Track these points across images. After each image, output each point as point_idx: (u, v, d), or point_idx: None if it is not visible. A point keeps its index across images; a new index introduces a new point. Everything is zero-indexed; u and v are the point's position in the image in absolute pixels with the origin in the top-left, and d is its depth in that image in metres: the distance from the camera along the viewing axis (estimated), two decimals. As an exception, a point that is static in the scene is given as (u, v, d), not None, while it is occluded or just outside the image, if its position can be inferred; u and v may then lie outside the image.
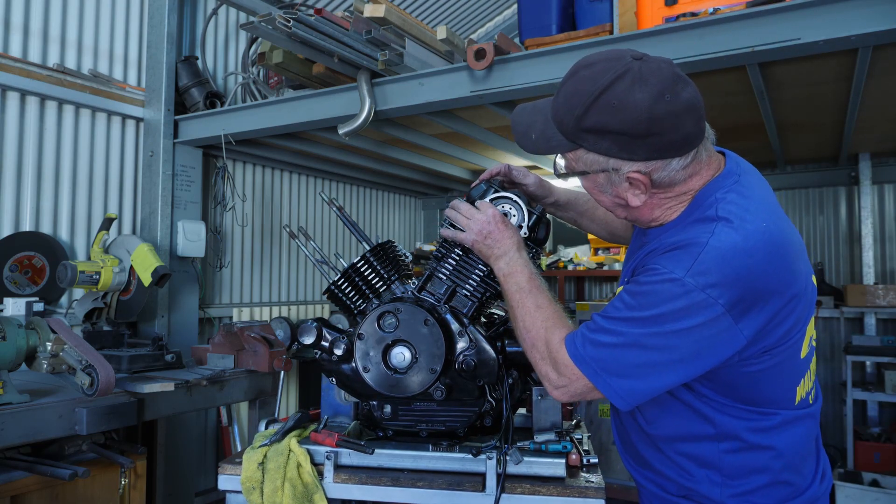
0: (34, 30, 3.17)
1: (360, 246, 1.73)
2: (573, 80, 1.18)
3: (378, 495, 1.54)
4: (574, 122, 1.16)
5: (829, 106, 3.32)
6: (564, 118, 1.18)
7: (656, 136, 1.11)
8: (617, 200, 1.24)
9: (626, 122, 1.11)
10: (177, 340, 3.54)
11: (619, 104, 1.10)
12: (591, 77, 1.14)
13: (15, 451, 2.18)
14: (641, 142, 1.12)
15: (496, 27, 6.23)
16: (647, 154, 1.14)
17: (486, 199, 1.57)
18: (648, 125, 1.10)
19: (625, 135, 1.12)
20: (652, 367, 1.14)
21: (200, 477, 3.85)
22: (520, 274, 1.38)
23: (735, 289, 1.09)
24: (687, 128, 1.13)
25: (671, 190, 1.21)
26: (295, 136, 3.81)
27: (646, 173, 1.16)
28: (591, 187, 1.26)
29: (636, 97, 1.09)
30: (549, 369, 1.25)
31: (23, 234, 3.10)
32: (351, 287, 1.69)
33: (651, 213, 1.25)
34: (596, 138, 1.15)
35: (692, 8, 2.41)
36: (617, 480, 4.47)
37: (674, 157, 1.15)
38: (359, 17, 2.70)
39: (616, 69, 1.12)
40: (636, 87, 1.10)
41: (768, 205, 1.20)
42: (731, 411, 1.22)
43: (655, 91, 1.09)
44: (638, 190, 1.19)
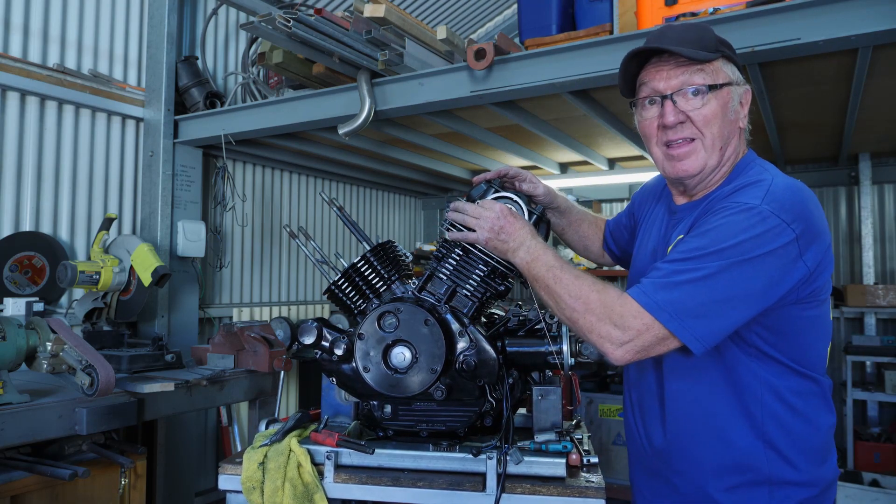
0: (34, 30, 3.17)
1: (360, 246, 1.72)
2: (677, 25, 1.41)
3: (378, 495, 1.54)
4: (712, 35, 1.33)
5: (829, 106, 3.32)
6: (701, 35, 1.33)
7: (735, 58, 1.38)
8: (729, 126, 1.34)
9: (731, 46, 1.37)
10: (177, 340, 3.54)
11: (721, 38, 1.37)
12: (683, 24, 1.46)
13: (15, 451, 2.18)
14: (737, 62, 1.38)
15: (496, 27, 6.23)
16: (740, 73, 1.37)
17: (487, 199, 1.57)
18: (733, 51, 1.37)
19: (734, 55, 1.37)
20: (730, 301, 1.17)
21: (200, 477, 3.85)
22: (544, 255, 1.39)
23: (801, 220, 1.19)
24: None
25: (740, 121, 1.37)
26: (295, 136, 3.80)
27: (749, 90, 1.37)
28: (716, 110, 1.32)
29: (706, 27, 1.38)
30: (609, 328, 1.23)
31: (23, 234, 3.10)
32: (351, 287, 1.68)
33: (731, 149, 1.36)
34: (729, 51, 1.35)
35: (692, 8, 2.41)
36: (617, 480, 4.47)
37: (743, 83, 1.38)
38: (359, 17, 2.70)
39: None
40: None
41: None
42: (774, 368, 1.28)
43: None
44: (744, 110, 1.37)
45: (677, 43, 1.32)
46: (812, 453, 1.30)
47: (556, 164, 5.03)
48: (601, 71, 2.43)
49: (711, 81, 1.32)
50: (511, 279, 1.65)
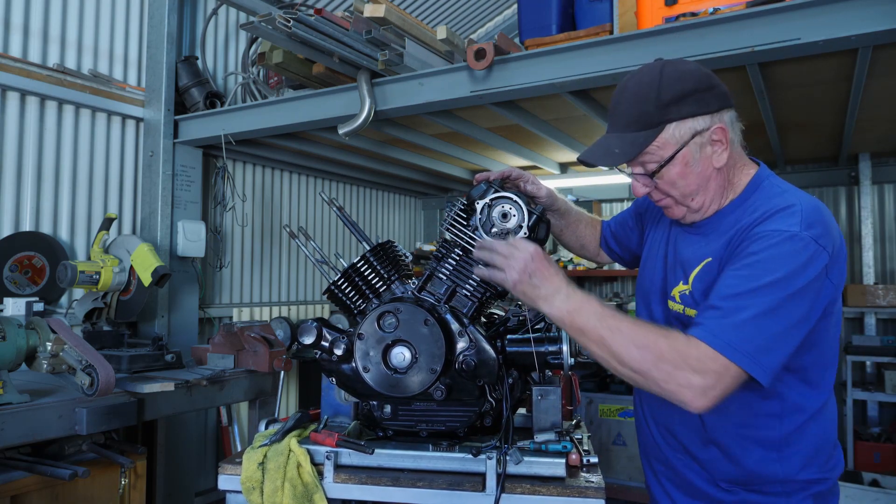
0: (34, 30, 3.17)
1: (360, 246, 1.72)
2: (629, 87, 1.34)
3: (378, 495, 1.54)
4: (655, 104, 1.28)
5: (829, 106, 3.32)
6: (643, 109, 1.29)
7: (716, 87, 1.31)
8: (704, 172, 1.32)
9: (694, 80, 1.29)
10: (177, 340, 3.54)
11: (681, 72, 1.30)
12: (641, 76, 1.33)
13: (15, 451, 2.18)
14: (710, 94, 1.29)
15: (496, 27, 6.23)
16: (717, 104, 1.30)
17: (487, 199, 1.57)
18: (707, 79, 1.30)
19: (698, 91, 1.29)
20: (790, 331, 1.19)
21: (200, 477, 3.85)
22: (588, 303, 1.28)
23: (830, 241, 1.22)
24: (721, 85, 1.33)
25: (735, 150, 1.35)
26: (295, 136, 3.80)
27: (720, 123, 1.30)
28: (681, 170, 1.31)
29: (686, 66, 1.32)
30: (689, 375, 1.14)
31: (23, 234, 3.10)
32: (351, 287, 1.69)
33: (724, 184, 1.36)
34: (678, 107, 1.28)
35: (692, 8, 2.41)
36: (617, 480, 4.47)
37: (729, 107, 1.33)
38: (359, 17, 2.70)
39: (655, 64, 1.33)
40: (677, 63, 1.33)
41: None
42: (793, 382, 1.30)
43: (692, 63, 1.35)
44: (720, 146, 1.31)
45: (622, 127, 1.33)
46: (826, 455, 1.35)
47: (556, 164, 5.03)
48: (601, 71, 2.43)
49: (658, 161, 1.31)
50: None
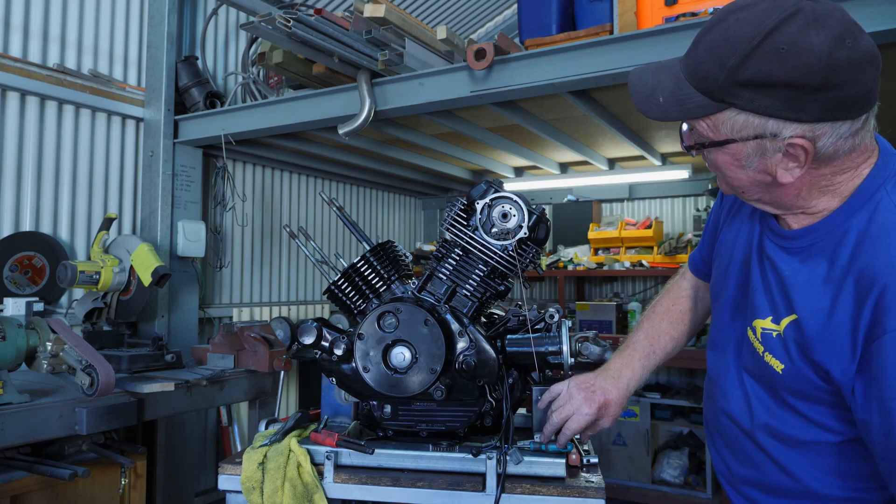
0: (34, 30, 3.17)
1: (360, 246, 1.72)
2: (722, 27, 0.97)
3: (378, 495, 1.54)
4: (726, 74, 0.95)
5: (829, 106, 3.31)
6: (711, 71, 0.97)
7: (834, 89, 0.91)
8: (759, 177, 1.04)
9: (799, 72, 0.90)
10: (177, 340, 3.54)
11: (791, 49, 0.90)
12: (750, 19, 0.93)
13: (15, 451, 2.18)
14: (814, 97, 0.92)
15: (496, 27, 6.23)
16: (818, 113, 0.93)
17: (487, 199, 1.57)
18: (826, 75, 0.90)
19: (795, 87, 0.92)
20: None
21: (200, 477, 3.85)
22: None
23: None
24: (867, 82, 0.93)
25: (829, 166, 1.01)
26: (295, 136, 3.80)
27: (810, 139, 0.96)
28: (728, 162, 1.05)
29: (812, 41, 0.90)
30: None
31: (23, 234, 3.10)
32: (351, 287, 1.69)
33: (797, 198, 1.06)
34: (753, 94, 0.94)
35: (692, 8, 2.41)
36: (617, 480, 4.48)
37: (847, 118, 0.95)
38: (359, 17, 2.70)
39: (783, 8, 0.92)
40: (811, 28, 0.90)
41: None
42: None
43: (835, 34, 0.90)
44: (794, 163, 0.99)
45: (688, 67, 1.02)
46: None
47: (556, 164, 5.03)
48: (601, 71, 2.43)
49: (705, 139, 1.05)
50: (511, 279, 1.65)
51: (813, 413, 1.11)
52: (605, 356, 1.57)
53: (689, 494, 4.28)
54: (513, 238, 1.55)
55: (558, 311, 1.60)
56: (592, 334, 1.63)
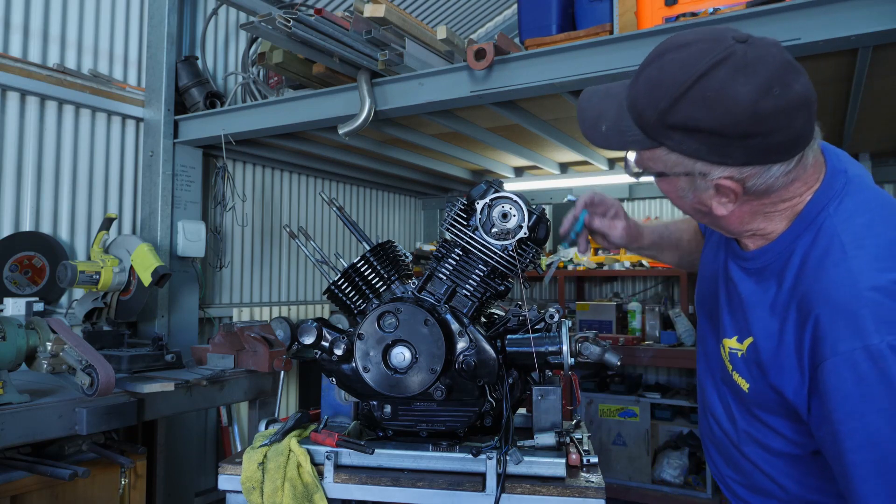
0: (34, 30, 3.17)
1: (360, 246, 1.73)
2: (659, 64, 0.97)
3: (378, 495, 1.54)
4: (657, 116, 0.96)
5: (829, 106, 3.32)
6: (645, 110, 0.98)
7: (759, 137, 0.92)
8: (699, 207, 1.06)
9: (724, 120, 0.91)
10: (177, 340, 3.54)
11: (717, 97, 0.90)
12: (684, 62, 0.93)
13: (15, 451, 2.18)
14: (739, 143, 0.93)
15: (496, 27, 6.23)
16: (744, 158, 0.95)
17: (487, 199, 1.57)
18: (750, 124, 0.90)
19: (719, 135, 0.93)
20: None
21: (200, 477, 3.85)
22: None
23: None
24: (796, 128, 0.93)
25: (767, 198, 1.02)
26: (295, 136, 3.80)
27: (739, 180, 0.98)
28: (670, 190, 1.08)
29: (738, 90, 0.89)
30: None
31: (23, 234, 3.10)
32: (351, 287, 1.69)
33: (741, 225, 1.08)
34: (682, 137, 0.96)
35: (692, 8, 2.41)
36: (617, 480, 4.48)
37: (776, 161, 0.96)
38: (359, 17, 2.70)
39: (715, 53, 0.91)
40: (739, 76, 0.90)
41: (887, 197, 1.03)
42: None
43: (762, 82, 0.89)
44: (726, 198, 1.01)
45: (629, 98, 1.02)
46: None
47: (556, 164, 5.03)
48: (601, 71, 2.43)
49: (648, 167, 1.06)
50: (511, 279, 1.65)
51: (783, 428, 1.10)
52: (606, 356, 1.57)
53: (689, 494, 4.28)
54: (513, 238, 1.55)
55: (558, 311, 1.60)
56: (592, 334, 1.63)
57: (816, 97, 0.95)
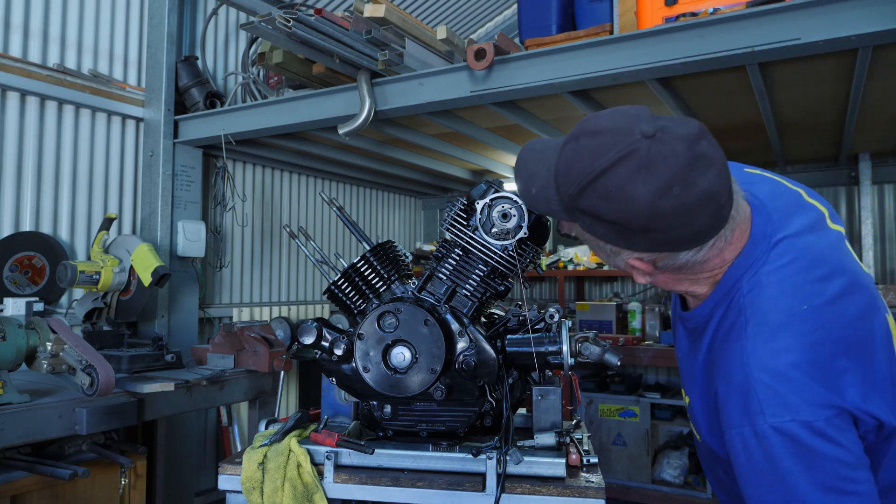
0: (34, 30, 3.17)
1: (360, 246, 1.73)
2: (574, 148, 0.99)
3: (378, 495, 1.54)
4: (568, 199, 1.00)
5: (829, 106, 3.32)
6: (560, 189, 1.01)
7: (658, 232, 0.94)
8: (627, 270, 1.10)
9: (624, 215, 0.94)
10: (177, 340, 3.54)
11: (617, 194, 0.92)
12: (592, 151, 0.95)
13: (15, 451, 2.18)
14: (641, 235, 0.96)
15: (496, 27, 6.23)
16: (647, 247, 0.99)
17: (487, 199, 1.57)
18: (649, 221, 0.93)
19: (621, 226, 0.96)
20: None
21: (200, 477, 3.85)
22: None
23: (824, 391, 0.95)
24: (700, 222, 0.94)
25: (683, 273, 1.06)
26: (295, 136, 3.80)
27: (649, 261, 1.03)
28: (597, 253, 1.11)
29: (637, 189, 0.91)
30: None
31: (23, 234, 3.10)
32: (351, 287, 1.69)
33: (669, 287, 1.12)
34: (591, 221, 0.99)
35: (692, 8, 2.41)
36: (617, 480, 4.47)
37: (681, 250, 0.99)
38: (359, 17, 2.70)
39: (620, 147, 0.93)
40: (640, 175, 0.91)
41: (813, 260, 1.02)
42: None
43: (662, 183, 0.90)
44: (640, 273, 1.06)
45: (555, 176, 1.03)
46: None
47: (556, 164, 5.02)
48: (601, 71, 2.43)
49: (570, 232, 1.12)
50: (511, 279, 1.65)
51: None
52: (605, 356, 1.57)
53: (689, 494, 4.28)
54: (513, 238, 1.55)
55: (558, 311, 1.60)
56: (592, 334, 1.63)
57: (728, 188, 0.95)
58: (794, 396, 0.92)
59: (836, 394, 0.92)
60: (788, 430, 0.90)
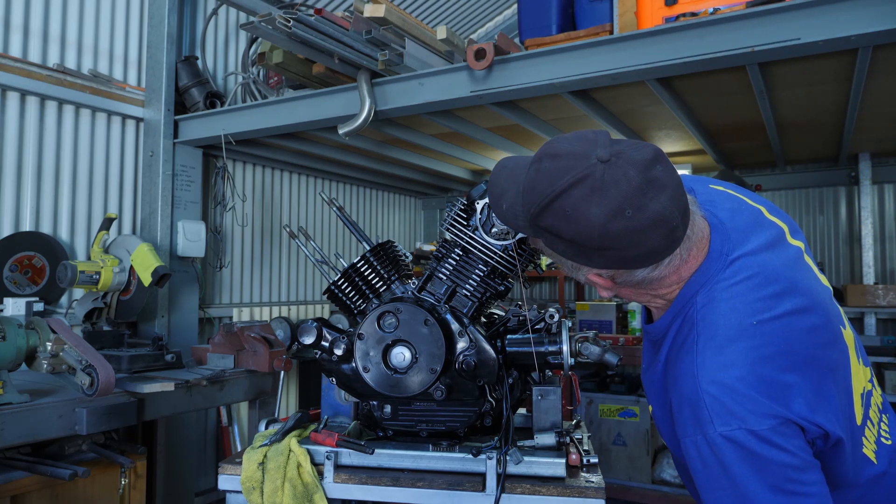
0: (34, 30, 3.17)
1: (360, 246, 1.72)
2: (537, 168, 1.05)
3: (378, 495, 1.54)
4: (530, 217, 1.06)
5: (829, 106, 3.32)
6: (524, 207, 1.08)
7: (612, 251, 1.00)
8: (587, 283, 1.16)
9: (579, 234, 1.00)
10: (177, 340, 3.54)
11: (572, 214, 0.99)
12: (551, 174, 1.01)
13: (15, 451, 2.18)
14: (597, 253, 1.02)
15: (496, 27, 6.23)
16: (603, 264, 1.05)
17: (486, 199, 1.57)
18: (602, 241, 0.99)
19: (578, 244, 1.02)
20: None
21: (200, 477, 3.85)
22: None
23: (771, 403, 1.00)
24: (652, 243, 0.99)
25: (643, 288, 1.12)
26: (295, 136, 3.81)
27: (608, 277, 1.09)
28: (561, 267, 1.17)
29: (591, 211, 0.97)
30: None
31: (23, 234, 3.10)
32: (351, 287, 1.68)
33: (631, 298, 1.18)
34: (552, 238, 1.06)
35: (692, 8, 2.41)
36: (617, 480, 4.47)
37: (636, 268, 1.05)
38: (359, 17, 2.70)
39: (576, 171, 0.98)
40: (594, 198, 0.97)
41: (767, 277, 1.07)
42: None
43: (614, 205, 0.96)
44: (601, 287, 1.12)
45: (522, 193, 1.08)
46: None
47: (556, 164, 5.02)
48: (601, 71, 2.43)
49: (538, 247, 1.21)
50: (511, 279, 1.65)
51: None
52: (605, 356, 1.57)
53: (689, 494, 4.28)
54: (513, 238, 1.55)
55: (558, 311, 1.60)
56: (592, 334, 1.63)
57: (681, 210, 1.01)
58: (740, 407, 0.97)
59: (781, 405, 0.97)
60: (736, 437, 0.96)
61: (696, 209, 1.10)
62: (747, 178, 5.14)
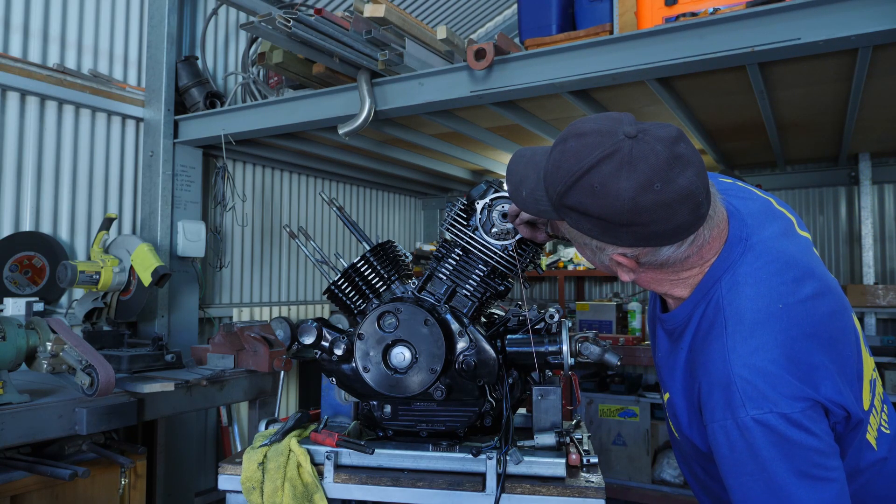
0: (34, 30, 3.17)
1: (360, 246, 1.73)
2: (562, 149, 1.05)
3: (378, 495, 1.54)
4: (556, 196, 1.06)
5: (829, 106, 3.32)
6: (549, 188, 1.08)
7: (640, 226, 1.00)
8: (609, 270, 1.16)
9: (608, 210, 0.99)
10: (177, 340, 3.54)
11: (601, 189, 0.99)
12: (578, 152, 1.02)
13: (15, 451, 2.18)
14: (625, 230, 1.01)
15: (496, 27, 6.23)
16: (631, 241, 1.04)
17: (487, 199, 1.57)
18: (632, 215, 0.98)
19: (606, 220, 1.01)
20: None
21: (200, 477, 3.85)
22: None
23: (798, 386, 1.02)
24: (679, 218, 0.99)
25: (664, 271, 1.12)
26: (295, 136, 3.81)
27: (632, 257, 1.08)
28: (582, 253, 1.18)
29: (620, 185, 0.97)
30: None
31: (23, 234, 3.10)
32: (351, 287, 1.69)
33: (651, 287, 1.18)
34: (578, 217, 1.05)
35: (692, 8, 2.41)
36: (617, 480, 4.48)
37: (663, 245, 1.04)
38: (359, 17, 2.70)
39: (604, 147, 0.99)
40: (622, 172, 0.97)
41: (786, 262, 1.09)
42: None
43: (643, 179, 0.96)
44: (624, 269, 1.11)
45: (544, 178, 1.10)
46: None
47: (556, 164, 5.02)
48: (601, 71, 2.43)
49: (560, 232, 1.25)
50: (511, 279, 1.65)
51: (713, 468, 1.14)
52: (605, 356, 1.57)
53: (689, 494, 4.28)
54: (513, 238, 1.55)
55: (558, 311, 1.60)
56: (592, 334, 1.63)
57: (706, 188, 1.01)
58: (772, 390, 0.98)
59: (810, 387, 0.99)
60: (768, 421, 0.97)
61: (716, 192, 1.10)
62: (747, 177, 5.13)
